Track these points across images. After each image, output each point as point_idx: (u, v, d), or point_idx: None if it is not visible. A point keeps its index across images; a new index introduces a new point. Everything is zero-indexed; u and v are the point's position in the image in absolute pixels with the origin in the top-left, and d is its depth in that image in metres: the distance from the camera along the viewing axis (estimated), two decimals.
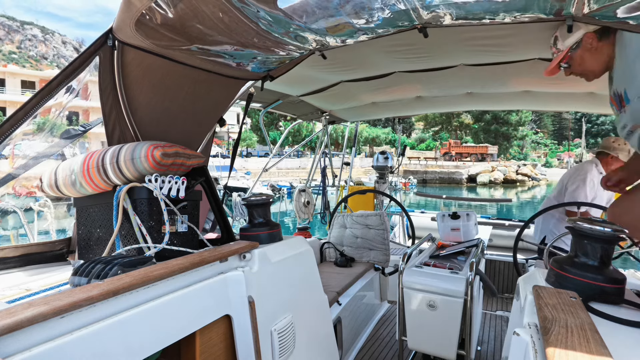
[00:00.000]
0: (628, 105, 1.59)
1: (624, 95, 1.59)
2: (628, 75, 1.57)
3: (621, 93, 1.60)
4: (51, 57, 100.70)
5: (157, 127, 1.87)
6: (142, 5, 1.29)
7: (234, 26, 1.48)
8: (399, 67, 2.74)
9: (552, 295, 0.96)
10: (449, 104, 4.04)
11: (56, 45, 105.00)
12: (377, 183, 5.51)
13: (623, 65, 1.60)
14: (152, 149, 1.41)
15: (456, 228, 2.98)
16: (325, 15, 1.48)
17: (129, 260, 1.12)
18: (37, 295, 1.14)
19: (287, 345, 1.54)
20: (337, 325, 2.48)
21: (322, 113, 4.25)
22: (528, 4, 1.35)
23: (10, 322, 0.71)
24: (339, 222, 3.73)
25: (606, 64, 1.65)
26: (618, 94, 1.63)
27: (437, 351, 2.22)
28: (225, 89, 2.07)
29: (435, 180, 38.79)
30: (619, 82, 1.62)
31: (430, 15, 1.49)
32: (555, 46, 1.67)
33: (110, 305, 0.93)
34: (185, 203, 1.55)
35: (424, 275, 2.21)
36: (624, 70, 1.59)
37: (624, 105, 1.60)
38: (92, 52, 1.54)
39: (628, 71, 1.57)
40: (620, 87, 1.61)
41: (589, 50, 1.64)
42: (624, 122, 1.64)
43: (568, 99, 3.39)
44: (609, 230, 1.03)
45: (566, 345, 0.70)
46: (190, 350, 1.20)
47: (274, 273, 1.56)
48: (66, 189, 1.55)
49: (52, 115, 1.63)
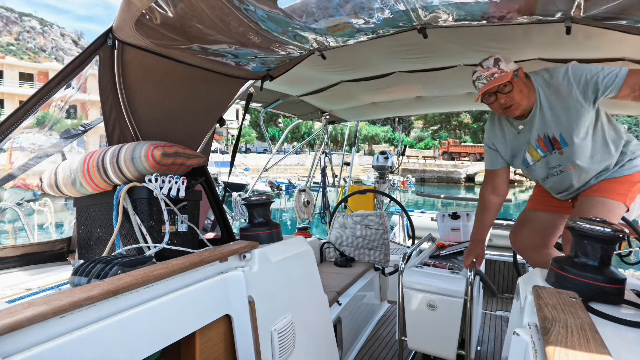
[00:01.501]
0: (565, 147, 1.76)
1: (560, 139, 1.75)
2: (563, 121, 1.71)
3: (554, 136, 1.76)
4: (49, 49, 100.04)
5: (157, 126, 1.87)
6: (142, 5, 1.29)
7: (233, 26, 1.48)
8: (398, 67, 2.74)
9: (552, 295, 0.96)
10: (448, 104, 4.04)
11: (55, 38, 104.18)
12: (377, 183, 5.51)
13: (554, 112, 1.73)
14: (152, 148, 1.41)
15: (456, 228, 2.98)
16: (325, 15, 1.48)
17: (129, 260, 1.12)
18: (37, 295, 1.14)
19: (287, 345, 1.54)
20: (337, 325, 2.48)
21: (322, 113, 4.25)
22: (527, 6, 1.35)
23: (10, 321, 0.71)
24: (339, 222, 3.73)
25: (528, 104, 1.75)
26: (550, 137, 1.79)
27: (437, 351, 2.22)
28: (225, 88, 2.07)
29: (434, 179, 38.81)
30: (551, 126, 1.75)
31: (430, 16, 1.50)
32: (497, 66, 1.67)
33: (110, 305, 0.93)
34: (185, 203, 1.55)
35: (424, 275, 2.21)
36: (557, 116, 1.72)
37: (560, 147, 1.77)
38: (92, 52, 1.54)
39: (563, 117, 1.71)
40: (552, 131, 1.76)
41: (523, 82, 1.72)
42: (556, 163, 1.84)
43: None
44: (609, 231, 1.03)
45: (566, 345, 0.70)
46: (190, 350, 1.20)
47: (274, 273, 1.56)
48: (66, 189, 1.55)
49: (53, 111, 1.63)
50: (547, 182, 1.95)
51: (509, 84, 1.68)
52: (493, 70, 1.67)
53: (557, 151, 1.79)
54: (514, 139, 1.91)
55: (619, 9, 1.26)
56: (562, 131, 1.73)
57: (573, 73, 1.65)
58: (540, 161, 1.87)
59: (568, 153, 1.77)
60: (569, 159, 1.78)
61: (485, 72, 1.69)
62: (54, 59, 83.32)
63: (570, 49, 2.19)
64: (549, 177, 1.91)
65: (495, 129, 1.99)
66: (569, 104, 1.67)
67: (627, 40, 1.94)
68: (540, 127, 1.78)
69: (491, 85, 1.67)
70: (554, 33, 1.96)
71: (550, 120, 1.74)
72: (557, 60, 2.39)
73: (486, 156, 2.06)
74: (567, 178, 1.86)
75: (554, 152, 1.80)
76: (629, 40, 1.93)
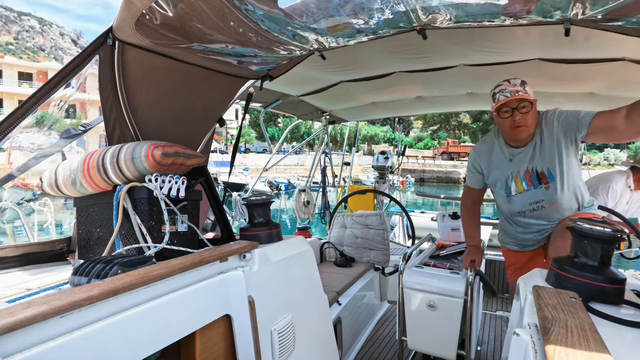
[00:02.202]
0: (551, 182, 1.83)
1: (547, 174, 1.83)
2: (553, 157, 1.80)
3: (542, 171, 1.84)
4: (48, 48, 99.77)
5: (157, 126, 1.87)
6: (142, 5, 1.29)
7: (234, 25, 1.48)
8: (399, 67, 2.74)
9: (552, 295, 0.96)
10: (448, 104, 4.04)
11: (54, 37, 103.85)
12: (377, 183, 5.51)
13: (543, 146, 1.82)
14: (152, 148, 1.41)
15: (456, 228, 2.98)
16: (325, 16, 1.48)
17: (129, 259, 1.12)
18: (37, 295, 1.14)
19: (287, 345, 1.54)
20: (337, 325, 2.48)
21: (322, 113, 4.25)
22: (527, 7, 1.35)
23: (10, 321, 0.71)
24: (339, 222, 3.73)
25: (532, 132, 1.84)
26: (538, 172, 1.86)
27: (437, 351, 2.22)
28: (225, 88, 2.07)
29: (433, 179, 38.82)
30: (540, 161, 1.84)
31: (430, 17, 1.49)
32: (523, 87, 1.79)
33: (110, 305, 0.93)
34: (185, 203, 1.55)
35: (424, 276, 2.21)
36: (549, 151, 1.81)
37: (546, 182, 1.84)
38: (92, 51, 1.54)
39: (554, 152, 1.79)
40: (541, 166, 1.84)
41: (535, 111, 1.83)
42: (539, 198, 1.90)
43: (568, 100, 3.39)
44: (609, 231, 1.03)
45: (566, 345, 0.70)
46: (190, 350, 1.20)
47: (274, 273, 1.56)
48: (66, 189, 1.55)
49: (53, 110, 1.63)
50: (523, 217, 1.98)
51: (528, 104, 1.78)
52: (519, 88, 1.77)
53: (543, 186, 1.85)
54: (503, 164, 1.96)
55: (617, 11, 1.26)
56: (548, 166, 1.82)
57: (559, 113, 1.82)
58: (523, 194, 1.92)
59: (553, 188, 1.84)
60: (553, 196, 1.85)
61: (510, 87, 1.78)
62: (53, 58, 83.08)
63: (570, 50, 2.19)
64: (527, 212, 1.95)
65: (486, 150, 2.05)
66: (553, 140, 1.80)
67: (626, 40, 1.94)
68: (531, 160, 1.86)
69: (515, 98, 1.77)
70: (553, 34, 1.96)
71: (539, 155, 1.83)
72: (557, 61, 2.39)
73: (468, 173, 2.18)
74: (544, 215, 1.91)
75: (540, 187, 1.86)
76: (628, 40, 1.93)
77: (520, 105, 1.77)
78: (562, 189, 1.83)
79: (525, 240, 2.04)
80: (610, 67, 2.38)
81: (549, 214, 1.90)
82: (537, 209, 1.91)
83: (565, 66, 2.45)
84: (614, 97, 3.09)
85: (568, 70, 2.52)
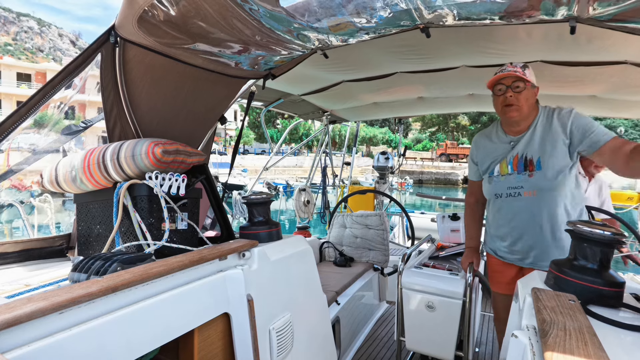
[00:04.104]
0: (538, 171, 1.78)
1: (536, 162, 1.79)
2: (547, 148, 1.76)
3: (531, 158, 1.80)
4: (47, 49, 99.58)
5: (158, 124, 1.87)
6: (144, 2, 1.29)
7: (236, 24, 1.48)
8: (400, 68, 2.74)
9: (551, 297, 0.96)
10: (450, 105, 4.04)
11: (52, 38, 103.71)
12: (377, 183, 5.51)
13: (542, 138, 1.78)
14: (153, 146, 1.41)
15: (456, 229, 2.98)
16: (327, 15, 1.48)
17: (128, 257, 1.12)
18: (36, 291, 1.14)
19: (285, 344, 1.54)
20: (335, 324, 2.49)
21: (323, 112, 4.25)
22: (532, 4, 1.35)
23: (9, 317, 0.72)
24: (338, 222, 3.73)
25: (526, 117, 1.82)
26: (527, 159, 1.82)
27: (435, 352, 2.22)
28: (227, 87, 2.07)
29: (431, 181, 38.79)
30: (532, 149, 1.80)
31: (433, 15, 1.49)
32: (523, 69, 1.78)
33: (109, 302, 0.93)
34: (185, 201, 1.55)
35: (423, 276, 2.21)
36: (544, 143, 1.77)
37: (532, 170, 1.80)
38: (94, 49, 1.54)
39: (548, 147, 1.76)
40: (532, 154, 1.80)
41: (533, 96, 1.81)
42: (521, 184, 1.84)
43: (569, 102, 3.39)
44: (608, 234, 1.03)
45: (564, 348, 0.70)
46: (189, 348, 1.20)
47: (273, 272, 1.56)
48: (66, 185, 1.55)
49: (53, 111, 1.63)
50: (499, 202, 1.91)
51: (522, 83, 1.76)
52: (518, 69, 1.77)
53: (527, 173, 1.80)
54: (496, 150, 1.93)
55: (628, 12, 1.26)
56: (541, 156, 1.78)
57: (575, 115, 1.75)
58: (505, 177, 1.88)
59: (536, 179, 1.78)
60: (534, 185, 1.78)
61: (511, 67, 1.79)
62: (51, 59, 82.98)
63: (573, 52, 2.19)
64: (503, 195, 1.88)
65: (483, 139, 2.03)
66: (557, 137, 1.76)
67: (629, 43, 1.94)
68: (523, 147, 1.82)
69: (510, 74, 1.76)
70: (556, 35, 1.95)
71: (536, 143, 1.79)
72: (559, 63, 2.39)
73: (468, 167, 2.18)
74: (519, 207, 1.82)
75: (524, 174, 1.81)
76: (631, 43, 1.92)
77: (514, 85, 1.77)
78: (545, 182, 1.75)
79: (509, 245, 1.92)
80: (613, 70, 2.37)
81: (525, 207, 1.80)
82: (514, 195, 1.84)
83: (567, 68, 2.45)
84: (616, 101, 3.09)
85: (570, 72, 2.52)
